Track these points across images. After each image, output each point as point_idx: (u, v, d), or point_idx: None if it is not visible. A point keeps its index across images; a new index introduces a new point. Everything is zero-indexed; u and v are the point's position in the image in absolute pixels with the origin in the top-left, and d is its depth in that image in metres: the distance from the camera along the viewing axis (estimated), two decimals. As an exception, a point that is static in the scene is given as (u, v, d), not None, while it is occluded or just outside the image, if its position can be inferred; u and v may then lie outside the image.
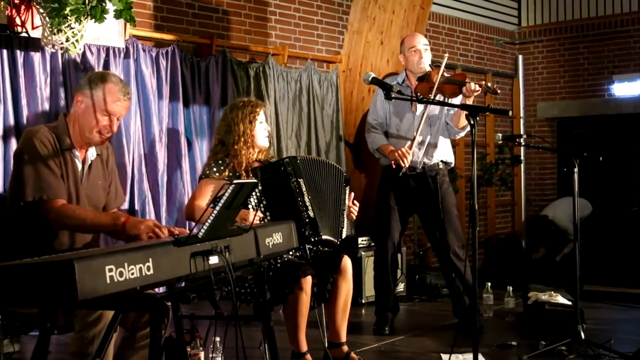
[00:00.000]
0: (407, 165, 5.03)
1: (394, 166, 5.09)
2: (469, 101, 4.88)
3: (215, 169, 3.97)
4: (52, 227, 3.14)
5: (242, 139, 3.99)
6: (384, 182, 5.32)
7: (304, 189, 3.92)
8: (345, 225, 4.18)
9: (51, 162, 3.15)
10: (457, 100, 5.01)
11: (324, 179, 4.09)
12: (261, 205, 3.92)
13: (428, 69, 5.12)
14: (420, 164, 5.18)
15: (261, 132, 4.07)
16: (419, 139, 5.06)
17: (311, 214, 3.89)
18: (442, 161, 5.24)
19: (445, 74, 5.01)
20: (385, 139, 5.24)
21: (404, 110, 5.18)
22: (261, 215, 3.87)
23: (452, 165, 5.39)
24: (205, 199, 3.93)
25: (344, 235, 4.16)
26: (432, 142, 5.19)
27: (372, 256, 5.86)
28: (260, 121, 4.06)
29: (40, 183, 3.12)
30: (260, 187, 3.89)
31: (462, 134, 5.17)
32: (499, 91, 4.93)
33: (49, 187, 3.12)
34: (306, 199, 3.90)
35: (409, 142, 5.08)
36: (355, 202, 4.28)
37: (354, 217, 4.28)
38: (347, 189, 4.24)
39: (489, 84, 4.88)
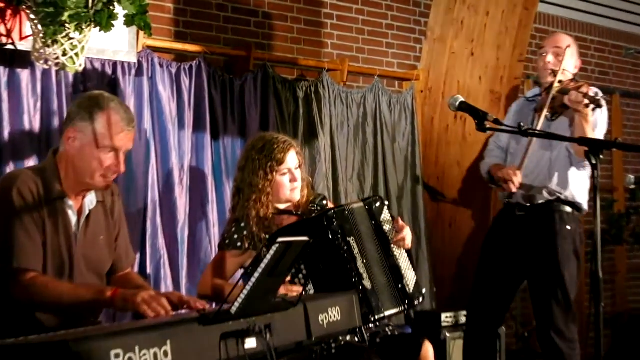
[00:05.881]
0: (514, 190, 4.98)
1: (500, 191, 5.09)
2: (584, 120, 4.81)
3: (236, 237, 4.06)
4: (19, 303, 3.19)
5: (255, 196, 4.06)
6: (494, 229, 5.28)
7: (355, 250, 3.88)
8: (408, 272, 4.08)
9: (28, 221, 3.20)
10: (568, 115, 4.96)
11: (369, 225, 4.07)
12: (300, 275, 3.94)
13: (558, 77, 5.08)
14: (526, 199, 5.13)
15: (285, 184, 4.11)
16: (527, 162, 5.04)
17: (367, 284, 3.85)
18: (560, 200, 5.13)
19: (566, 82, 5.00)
20: (501, 160, 5.27)
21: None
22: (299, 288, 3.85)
23: (582, 207, 5.23)
24: (223, 276, 4.05)
25: (408, 282, 4.05)
26: (547, 172, 5.13)
27: (461, 338, 5.81)
28: (283, 171, 4.10)
29: (9, 248, 3.18)
30: None
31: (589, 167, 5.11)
32: (603, 104, 4.84)
33: (20, 254, 3.18)
34: (359, 264, 3.87)
35: (518, 162, 5.05)
36: (399, 221, 4.14)
37: (408, 244, 4.14)
38: (384, 212, 4.12)
39: (592, 94, 4.81)
